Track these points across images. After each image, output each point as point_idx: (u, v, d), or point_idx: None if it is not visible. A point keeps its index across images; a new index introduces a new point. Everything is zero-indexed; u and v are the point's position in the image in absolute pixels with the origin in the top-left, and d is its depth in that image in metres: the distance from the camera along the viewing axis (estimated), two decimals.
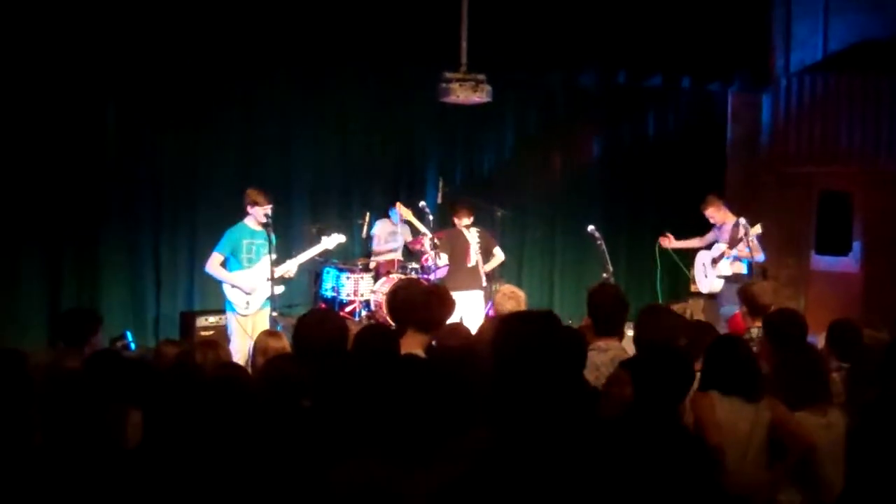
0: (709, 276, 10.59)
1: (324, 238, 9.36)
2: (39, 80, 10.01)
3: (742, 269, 10.30)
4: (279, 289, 8.85)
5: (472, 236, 10.40)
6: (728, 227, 10.46)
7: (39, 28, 9.62)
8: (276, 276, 8.66)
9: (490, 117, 12.60)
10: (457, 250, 10.33)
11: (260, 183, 10.82)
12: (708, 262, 10.59)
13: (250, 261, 8.64)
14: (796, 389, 4.68)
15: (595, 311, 5.46)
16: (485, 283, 10.43)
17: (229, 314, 8.75)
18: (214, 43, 10.45)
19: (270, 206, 8.69)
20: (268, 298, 8.63)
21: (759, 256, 10.19)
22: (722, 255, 10.34)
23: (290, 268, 8.89)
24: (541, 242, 13.57)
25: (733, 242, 10.21)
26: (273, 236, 8.58)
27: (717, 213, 10.64)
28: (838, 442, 4.46)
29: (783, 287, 13.01)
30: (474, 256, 10.32)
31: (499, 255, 10.61)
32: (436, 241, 10.52)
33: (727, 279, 10.23)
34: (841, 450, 4.32)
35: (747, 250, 9.96)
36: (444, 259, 10.43)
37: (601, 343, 5.20)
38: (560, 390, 2.90)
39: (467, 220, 10.43)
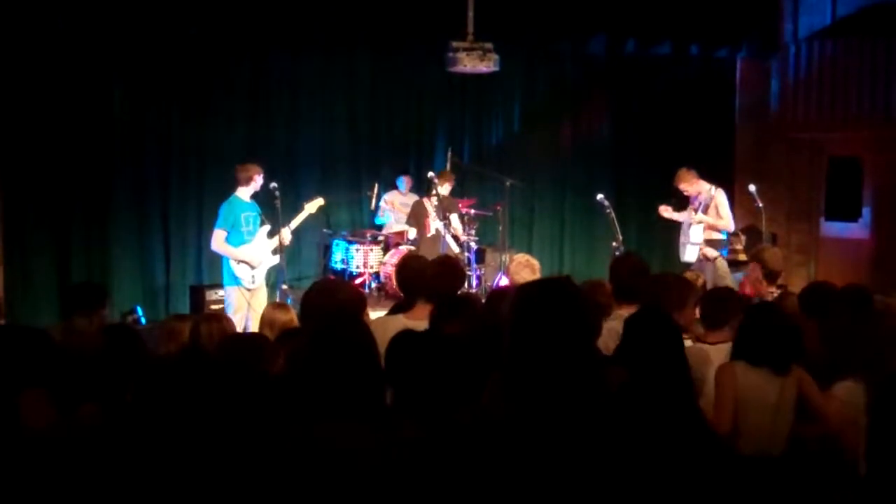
0: (684, 243, 10.31)
1: (305, 204, 9.32)
2: (47, 56, 10.01)
3: (720, 235, 10.13)
4: (275, 259, 8.89)
5: (430, 205, 10.58)
6: (703, 196, 10.30)
7: (46, 5, 9.62)
8: (273, 246, 8.77)
9: (498, 87, 12.59)
10: (419, 222, 10.63)
11: (268, 155, 10.90)
12: (686, 229, 10.46)
13: (250, 233, 8.67)
14: (838, 359, 4.63)
15: (616, 278, 5.52)
16: (456, 250, 10.57)
17: (231, 289, 8.69)
18: (221, 16, 10.45)
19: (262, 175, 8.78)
20: (269, 270, 8.77)
21: (724, 224, 10.06)
22: (689, 224, 10.17)
23: (285, 236, 8.90)
24: (550, 212, 13.56)
25: (705, 208, 10.08)
26: (258, 209, 8.76)
27: (690, 186, 10.36)
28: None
29: (793, 254, 13.00)
30: (433, 225, 10.49)
31: (453, 223, 10.81)
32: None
33: (700, 245, 10.03)
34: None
35: (716, 220, 9.94)
36: (412, 232, 10.82)
37: (622, 311, 5.17)
38: (574, 358, 2.90)
39: (447, 188, 10.66)
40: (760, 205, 10.27)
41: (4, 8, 9.44)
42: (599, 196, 10.28)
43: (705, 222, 10.00)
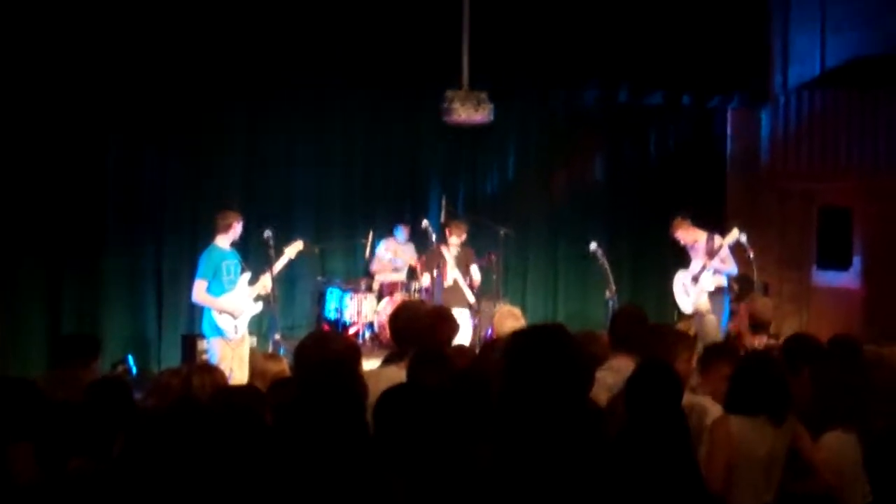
0: (691, 294, 10.37)
1: (286, 249, 9.31)
2: (42, 101, 10.03)
3: (722, 281, 10.24)
4: (257, 307, 8.86)
5: (450, 255, 10.43)
6: (702, 242, 10.35)
7: (43, 49, 9.69)
8: (255, 293, 8.74)
9: (492, 135, 12.65)
10: (436, 270, 10.42)
11: (263, 204, 10.93)
12: (688, 280, 10.39)
13: (230, 282, 8.60)
14: (828, 409, 4.64)
15: (615, 328, 5.52)
16: (472, 301, 10.45)
17: (214, 340, 8.62)
18: (218, 61, 10.53)
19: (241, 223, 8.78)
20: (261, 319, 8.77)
21: (731, 268, 10.14)
22: (703, 269, 10.21)
23: (266, 283, 8.87)
24: (544, 261, 13.58)
25: (711, 253, 10.15)
26: (238, 257, 8.79)
27: (686, 235, 10.46)
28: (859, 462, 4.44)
29: (784, 303, 13.02)
30: (451, 274, 10.36)
31: (474, 275, 10.64)
32: (417, 266, 10.87)
33: (710, 294, 10.17)
34: (861, 469, 4.31)
35: (724, 262, 10.03)
36: (426, 280, 10.56)
37: (615, 362, 5.17)
38: (566, 407, 2.90)
39: (457, 239, 10.48)
40: (751, 254, 10.32)
41: None
42: (593, 245, 10.32)
43: (716, 267, 10.09)
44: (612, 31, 12.19)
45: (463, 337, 9.84)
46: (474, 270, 10.60)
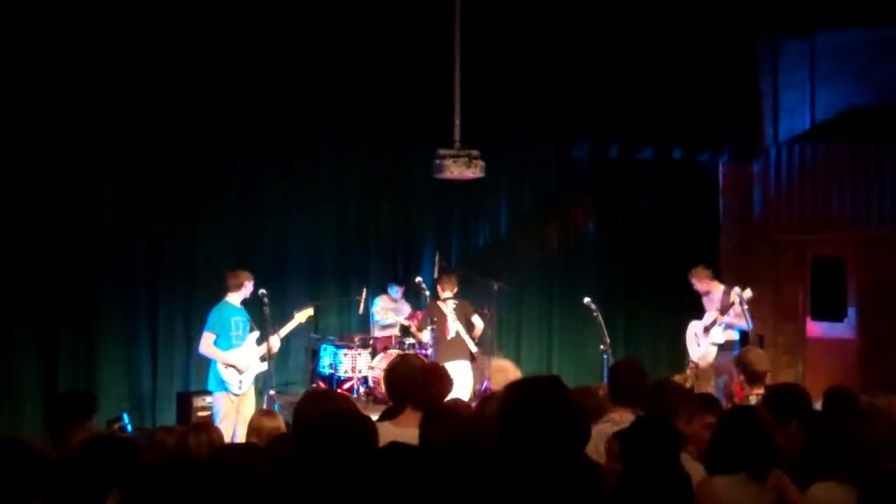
0: (701, 344, 10.54)
1: (296, 313, 9.42)
2: (35, 157, 10.07)
3: (734, 336, 10.32)
4: (263, 366, 8.92)
5: (448, 308, 10.43)
6: (717, 294, 10.50)
7: (36, 105, 9.75)
8: (263, 352, 8.82)
9: (484, 191, 12.72)
10: (436, 324, 10.41)
11: (257, 260, 10.95)
12: (700, 330, 10.58)
13: (238, 338, 8.73)
14: (815, 461, 4.60)
15: (615, 380, 5.58)
16: (474, 351, 10.45)
17: (218, 395, 8.72)
18: (210, 119, 10.61)
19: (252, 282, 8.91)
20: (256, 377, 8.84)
21: (745, 324, 10.14)
22: (714, 322, 10.34)
23: (273, 343, 8.93)
24: (538, 314, 13.58)
25: (724, 309, 10.25)
26: (248, 315, 8.90)
27: (701, 284, 10.66)
28: None
29: (780, 354, 13.01)
30: (452, 327, 10.35)
31: (477, 324, 10.59)
32: (412, 325, 10.79)
33: (720, 347, 10.25)
34: None
35: (738, 318, 10.06)
36: (426, 335, 10.52)
37: (615, 415, 5.20)
38: (562, 459, 2.90)
39: (449, 293, 10.50)
40: (747, 307, 10.36)
41: None
42: (587, 299, 10.34)
43: (729, 322, 10.17)
44: (603, 86, 12.29)
45: (465, 389, 9.85)
46: (476, 320, 10.57)
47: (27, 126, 9.94)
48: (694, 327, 10.76)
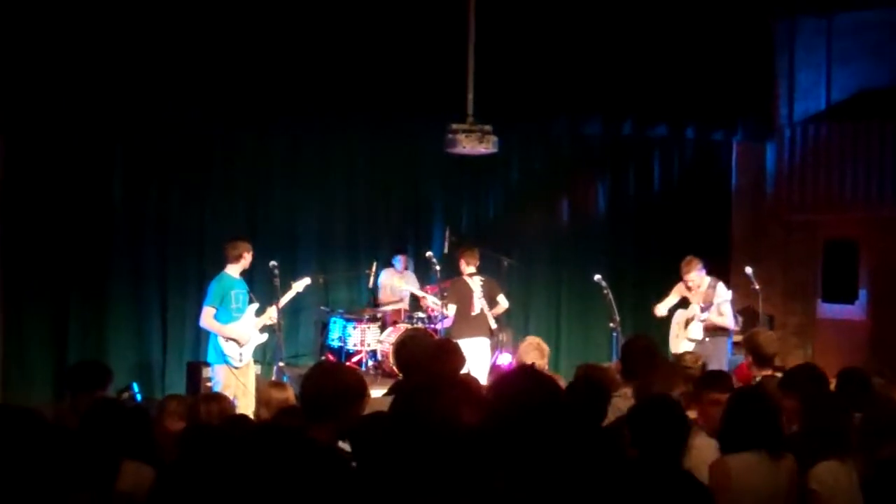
0: (679, 336, 10.09)
1: (294, 283, 9.36)
2: (46, 133, 10.12)
3: (725, 322, 9.80)
4: (262, 337, 8.91)
5: (476, 284, 10.30)
6: (700, 290, 9.97)
7: (46, 83, 9.72)
8: (262, 324, 8.80)
9: (496, 167, 12.67)
10: (461, 299, 10.25)
11: (267, 234, 10.95)
12: (682, 321, 10.12)
13: (238, 310, 8.68)
14: (822, 441, 4.59)
15: (625, 356, 5.78)
16: (493, 327, 10.41)
17: (218, 367, 8.68)
18: (221, 95, 10.54)
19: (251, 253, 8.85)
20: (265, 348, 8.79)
21: (728, 323, 9.81)
22: (693, 319, 9.92)
23: (272, 314, 8.91)
24: (547, 290, 13.56)
25: (707, 304, 9.81)
26: (247, 287, 8.83)
27: (688, 276, 10.01)
28: (856, 490, 4.40)
29: (790, 336, 12.99)
30: (478, 304, 10.23)
31: (503, 303, 10.44)
32: (444, 291, 10.47)
33: (713, 334, 9.79)
34: (859, 498, 4.29)
35: (717, 318, 9.70)
36: (451, 309, 10.27)
37: (627, 390, 5.36)
38: (582, 435, 2.91)
39: (472, 268, 10.37)
40: (757, 286, 10.29)
41: (6, 88, 9.54)
42: (597, 277, 10.26)
43: (707, 321, 9.78)
44: (617, 63, 12.21)
45: (482, 366, 9.84)
46: (501, 299, 10.41)
47: (39, 101, 9.93)
48: (678, 317, 10.24)
